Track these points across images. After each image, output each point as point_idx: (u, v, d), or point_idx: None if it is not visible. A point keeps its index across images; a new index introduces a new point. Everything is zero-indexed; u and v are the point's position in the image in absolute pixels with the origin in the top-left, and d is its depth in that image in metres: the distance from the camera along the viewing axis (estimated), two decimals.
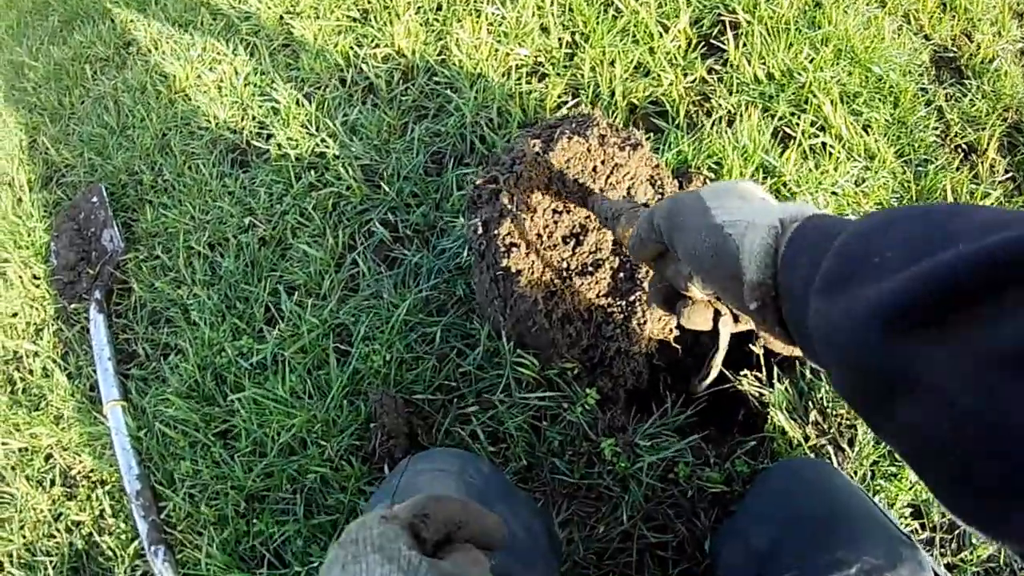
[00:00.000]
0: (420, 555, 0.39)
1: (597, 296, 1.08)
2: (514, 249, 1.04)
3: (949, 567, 1.03)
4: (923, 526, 1.03)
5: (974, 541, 1.03)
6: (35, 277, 1.72)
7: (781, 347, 0.53)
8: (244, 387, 1.24)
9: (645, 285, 1.08)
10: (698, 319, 0.65)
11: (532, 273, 1.05)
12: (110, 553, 1.25)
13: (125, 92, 1.98)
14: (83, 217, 1.75)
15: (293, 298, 1.33)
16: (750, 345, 1.14)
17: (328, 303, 1.30)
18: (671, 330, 1.11)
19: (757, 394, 1.10)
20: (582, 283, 1.07)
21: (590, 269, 1.09)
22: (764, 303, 0.47)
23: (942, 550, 1.02)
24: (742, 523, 0.83)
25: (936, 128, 1.45)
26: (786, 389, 1.09)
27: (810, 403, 1.09)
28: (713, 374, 0.77)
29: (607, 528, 0.99)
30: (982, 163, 1.41)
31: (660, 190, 1.15)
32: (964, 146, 1.45)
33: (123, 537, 1.24)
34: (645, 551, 0.99)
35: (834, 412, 1.09)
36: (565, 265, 1.08)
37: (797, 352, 0.50)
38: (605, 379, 1.11)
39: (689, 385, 1.09)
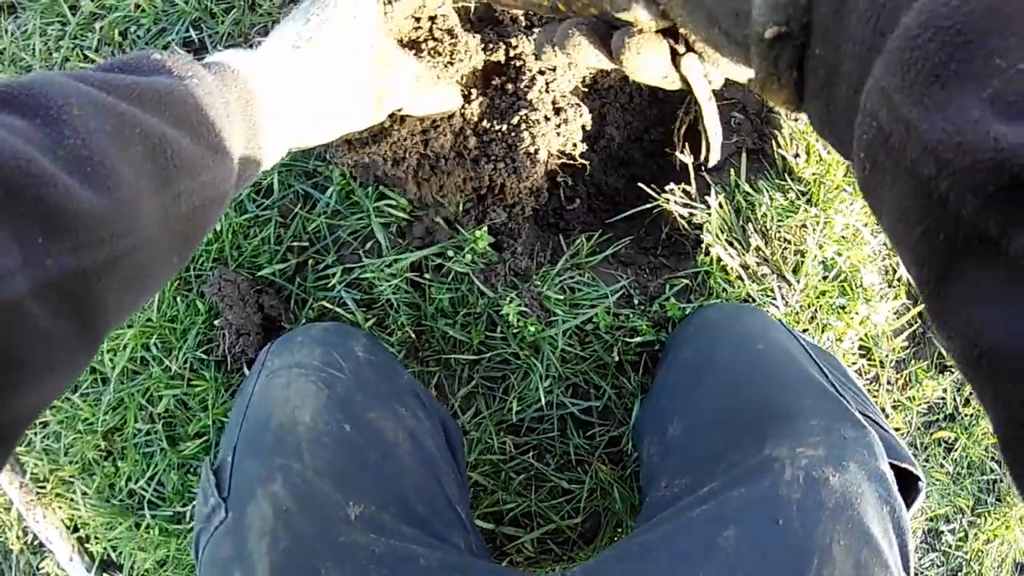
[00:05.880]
0: None
1: (465, 123, 0.74)
2: None
3: (895, 405, 0.92)
4: (870, 362, 0.90)
5: (920, 378, 0.92)
6: None
7: (780, 102, 0.35)
8: None
9: (524, 85, 0.71)
10: (649, 60, 0.44)
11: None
12: None
13: None
14: None
15: None
16: (674, 151, 0.80)
17: None
18: (575, 144, 0.77)
19: (687, 215, 0.79)
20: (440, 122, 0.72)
21: None
22: (790, 32, 0.30)
23: (888, 387, 0.91)
24: (659, 401, 0.68)
25: None
26: (720, 205, 0.78)
27: (750, 224, 0.79)
28: (716, 142, 0.57)
29: (520, 402, 0.74)
30: None
31: None
32: None
33: (2, 499, 1.06)
34: (566, 419, 0.75)
35: (778, 235, 0.79)
36: None
37: (793, 111, 0.34)
38: (497, 210, 0.80)
39: (690, 163, 0.80)
